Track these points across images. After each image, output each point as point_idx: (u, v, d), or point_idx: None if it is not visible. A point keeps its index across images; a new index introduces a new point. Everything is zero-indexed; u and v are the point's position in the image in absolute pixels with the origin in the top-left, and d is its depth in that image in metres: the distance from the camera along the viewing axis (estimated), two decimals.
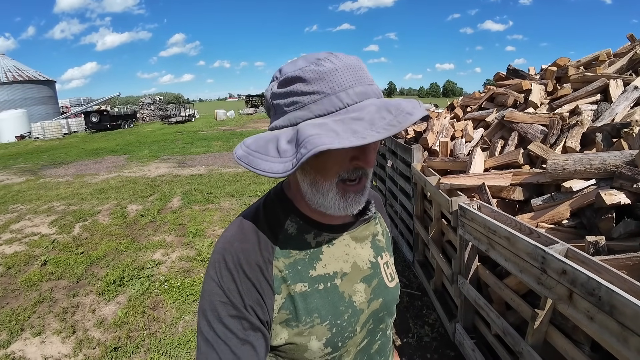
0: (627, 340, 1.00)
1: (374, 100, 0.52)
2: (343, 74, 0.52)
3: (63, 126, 21.23)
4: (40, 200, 6.49)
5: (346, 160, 0.54)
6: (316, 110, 0.51)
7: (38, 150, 14.69)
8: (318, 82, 0.51)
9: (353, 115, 0.48)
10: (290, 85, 0.53)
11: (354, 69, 0.53)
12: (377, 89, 0.54)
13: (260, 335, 0.56)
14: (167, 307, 3.02)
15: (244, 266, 0.57)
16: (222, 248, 0.60)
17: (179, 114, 28.18)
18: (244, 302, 0.56)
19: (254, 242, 0.60)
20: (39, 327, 2.81)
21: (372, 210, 0.72)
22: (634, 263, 1.29)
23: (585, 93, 2.59)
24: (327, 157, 0.53)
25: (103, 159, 11.28)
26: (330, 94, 0.51)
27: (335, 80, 0.51)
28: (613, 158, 1.68)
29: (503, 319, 1.71)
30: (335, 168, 0.55)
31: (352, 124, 0.47)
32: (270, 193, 0.68)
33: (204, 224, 4.89)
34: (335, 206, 0.58)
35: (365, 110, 0.48)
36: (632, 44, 3.13)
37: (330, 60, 0.52)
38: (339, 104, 0.50)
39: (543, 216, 1.82)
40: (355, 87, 0.51)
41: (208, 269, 0.60)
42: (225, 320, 0.55)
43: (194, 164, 9.61)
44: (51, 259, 3.97)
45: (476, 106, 3.54)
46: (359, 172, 0.56)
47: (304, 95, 0.52)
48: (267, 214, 0.64)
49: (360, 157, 0.54)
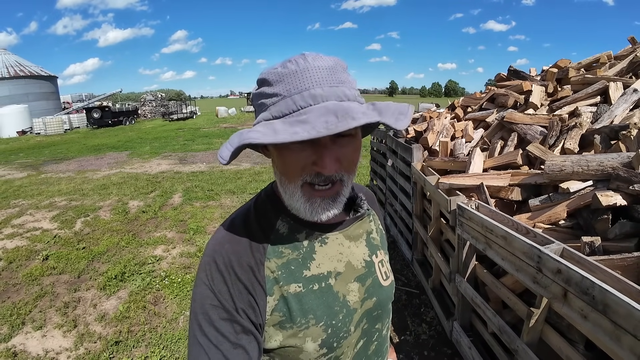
0: (620, 339, 1.02)
1: (329, 103, 0.49)
2: (302, 76, 0.51)
3: (65, 122, 21.25)
4: (42, 196, 6.52)
5: (308, 164, 0.53)
6: (274, 112, 0.52)
7: (39, 146, 14.72)
8: (278, 84, 0.52)
9: (300, 118, 0.48)
10: (260, 88, 0.55)
11: (318, 70, 0.51)
12: (342, 90, 0.52)
13: (252, 339, 0.56)
14: (168, 302, 3.05)
15: (235, 268, 0.57)
16: (213, 250, 0.59)
17: (181, 110, 28.18)
18: (236, 305, 0.55)
19: (245, 243, 0.59)
20: (40, 321, 2.83)
21: (364, 207, 0.71)
22: (628, 264, 1.31)
23: (585, 95, 2.60)
24: (285, 158, 0.54)
25: (104, 155, 11.30)
26: (286, 96, 0.51)
27: (292, 82, 0.51)
28: (610, 160, 1.69)
29: (499, 317, 1.73)
30: (297, 171, 0.54)
31: (296, 125, 0.47)
32: (261, 193, 0.68)
33: (205, 221, 4.91)
34: (301, 209, 0.57)
35: (314, 114, 0.48)
36: (633, 47, 3.13)
37: (296, 62, 0.52)
38: (292, 106, 0.50)
39: (540, 216, 1.84)
40: (312, 89, 0.50)
41: (198, 272, 0.59)
42: (217, 324, 0.54)
43: (195, 161, 9.64)
44: (53, 254, 4.00)
45: (477, 106, 3.56)
46: (323, 177, 0.54)
47: (267, 98, 0.53)
48: (258, 214, 0.64)
49: (317, 162, 0.53)
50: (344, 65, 0.56)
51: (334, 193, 0.57)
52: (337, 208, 0.58)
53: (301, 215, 0.59)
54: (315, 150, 0.53)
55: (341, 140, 0.54)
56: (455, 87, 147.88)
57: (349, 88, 0.54)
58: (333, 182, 0.56)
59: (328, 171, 0.53)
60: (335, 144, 0.53)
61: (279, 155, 0.56)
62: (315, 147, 0.53)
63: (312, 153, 0.53)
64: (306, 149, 0.53)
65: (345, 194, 0.59)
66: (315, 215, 0.57)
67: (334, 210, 0.58)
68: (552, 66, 3.35)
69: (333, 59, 0.54)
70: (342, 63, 0.55)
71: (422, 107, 18.33)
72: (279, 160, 0.56)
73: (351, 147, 0.56)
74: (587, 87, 2.67)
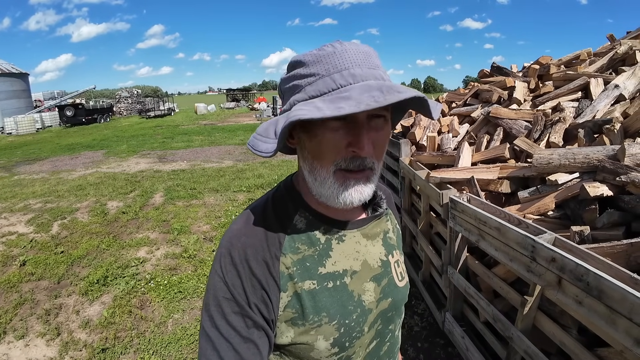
0: (615, 322, 1.06)
1: (371, 82, 0.50)
2: (341, 56, 0.51)
3: (36, 120, 20.31)
4: (16, 198, 6.21)
5: (342, 146, 0.52)
6: (310, 92, 0.51)
7: (11, 146, 14.02)
8: (315, 65, 0.52)
9: (342, 95, 0.47)
10: (293, 70, 0.55)
11: (356, 53, 0.52)
12: (379, 73, 0.52)
13: (263, 334, 0.55)
14: (155, 305, 2.96)
15: (250, 262, 0.56)
16: (229, 242, 0.58)
17: (158, 107, 27.47)
18: (248, 299, 0.55)
19: (261, 236, 0.58)
20: (22, 329, 2.70)
21: (384, 207, 0.70)
22: (617, 251, 1.36)
23: (566, 90, 2.70)
24: (320, 140, 0.53)
25: (79, 155, 10.87)
26: (325, 75, 0.51)
27: (331, 62, 0.51)
28: (596, 153, 1.76)
29: (493, 307, 1.77)
30: (331, 154, 0.53)
31: (339, 102, 0.46)
32: (280, 186, 0.66)
33: (189, 220, 4.81)
34: (333, 195, 0.55)
35: (356, 91, 0.47)
36: (612, 44, 3.26)
37: (333, 45, 0.53)
38: (332, 84, 0.50)
39: (529, 208, 1.89)
40: (352, 69, 0.50)
41: (214, 263, 0.58)
42: (229, 317, 0.54)
43: (175, 159, 9.41)
44: (30, 259, 3.82)
45: (461, 102, 3.62)
46: (357, 162, 0.53)
47: (302, 79, 0.53)
48: (275, 207, 0.62)
49: (353, 143, 0.52)
50: (377, 54, 0.56)
51: (366, 177, 0.56)
52: (368, 193, 0.57)
53: (330, 202, 0.57)
54: (350, 130, 0.52)
55: (376, 121, 0.53)
56: (434, 83, 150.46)
57: (384, 72, 0.54)
58: (364, 168, 0.55)
59: (365, 152, 0.52)
60: (370, 126, 0.53)
61: (312, 138, 0.54)
62: (351, 128, 0.52)
63: (347, 134, 0.52)
64: (340, 130, 0.52)
65: (375, 182, 0.58)
66: (347, 198, 0.55)
67: (365, 194, 0.56)
68: (534, 63, 3.45)
69: (367, 45, 0.55)
70: (375, 52, 0.56)
71: None
72: (311, 144, 0.55)
73: (384, 132, 0.55)
74: (568, 83, 2.76)
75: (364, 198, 0.56)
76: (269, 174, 7.17)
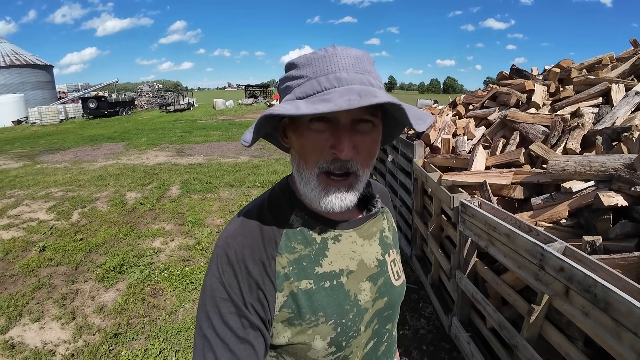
0: (621, 335, 1.04)
1: (355, 86, 0.50)
2: (330, 60, 0.52)
3: (60, 112, 20.98)
4: (38, 186, 6.47)
5: (325, 148, 0.53)
6: (298, 93, 0.53)
7: (35, 136, 14.55)
8: (305, 67, 0.53)
9: (323, 97, 0.49)
10: (288, 71, 0.57)
11: (346, 57, 0.52)
12: (368, 78, 0.53)
13: (259, 335, 0.56)
14: (167, 294, 3.05)
15: (247, 262, 0.56)
16: (225, 242, 0.59)
17: (178, 102, 27.95)
18: (245, 299, 0.55)
19: (257, 237, 0.59)
20: (37, 313, 2.83)
21: (379, 205, 0.71)
22: (629, 263, 1.33)
23: (587, 96, 2.62)
24: (305, 140, 0.54)
25: (101, 146, 11.20)
26: (312, 78, 0.52)
27: (320, 65, 0.52)
28: (612, 161, 1.71)
29: (499, 314, 1.75)
30: (315, 154, 0.54)
31: (318, 103, 0.48)
32: (276, 187, 0.67)
33: (203, 214, 4.90)
34: (315, 198, 0.56)
35: (337, 94, 0.48)
36: (635, 49, 3.15)
37: (326, 49, 0.54)
38: (317, 87, 0.51)
39: (542, 215, 1.86)
40: (338, 72, 0.51)
41: (210, 263, 0.59)
42: (225, 318, 0.54)
43: (193, 153, 9.59)
44: (49, 245, 3.98)
45: (478, 104, 3.56)
46: (339, 164, 0.54)
47: (292, 80, 0.55)
48: (271, 207, 0.63)
49: (335, 145, 0.52)
50: (371, 59, 0.57)
51: (348, 185, 0.56)
52: (350, 200, 0.57)
53: (314, 205, 0.59)
54: (334, 133, 0.53)
55: (362, 126, 0.54)
56: (454, 84, 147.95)
57: (374, 78, 0.54)
58: (348, 173, 0.55)
59: (345, 155, 0.52)
60: (355, 130, 0.54)
61: (298, 138, 0.56)
62: (335, 130, 0.53)
63: (331, 136, 0.53)
64: (325, 132, 0.53)
65: (359, 188, 0.58)
66: (328, 204, 0.56)
67: (347, 201, 0.57)
68: (555, 66, 3.36)
69: (361, 50, 0.55)
70: (370, 56, 0.56)
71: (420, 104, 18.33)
72: (297, 143, 0.57)
73: (370, 137, 0.56)
74: (589, 88, 2.68)
75: (345, 205, 0.57)
76: (284, 170, 7.23)
